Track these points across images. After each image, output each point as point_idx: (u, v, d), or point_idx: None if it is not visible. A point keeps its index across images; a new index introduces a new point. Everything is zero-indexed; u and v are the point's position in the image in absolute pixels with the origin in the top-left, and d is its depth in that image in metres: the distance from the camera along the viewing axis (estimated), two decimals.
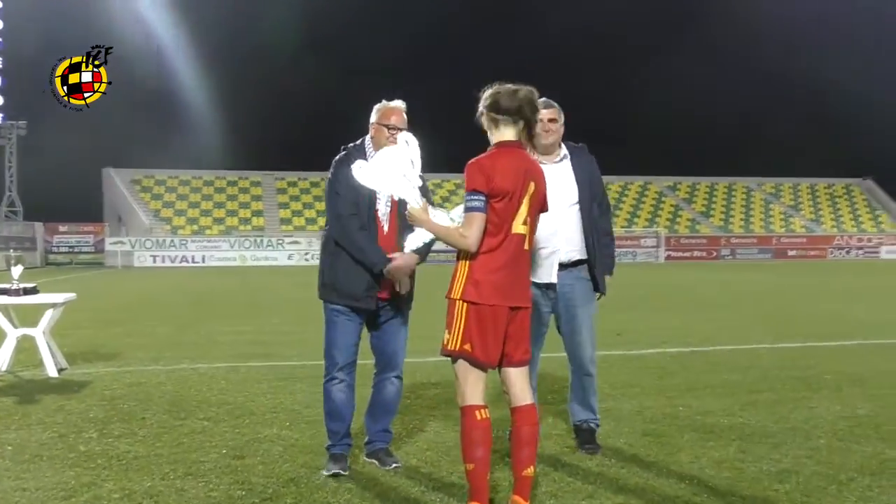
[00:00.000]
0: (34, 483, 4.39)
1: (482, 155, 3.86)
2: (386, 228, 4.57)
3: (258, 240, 56.32)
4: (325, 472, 4.46)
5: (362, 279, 4.47)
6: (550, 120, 4.91)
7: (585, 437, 5.05)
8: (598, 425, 5.13)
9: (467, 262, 3.81)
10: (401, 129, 4.46)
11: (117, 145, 67.48)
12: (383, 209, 4.56)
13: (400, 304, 4.64)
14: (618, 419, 5.74)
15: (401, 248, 4.39)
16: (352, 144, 4.72)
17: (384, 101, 4.66)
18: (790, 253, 63.96)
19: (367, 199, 4.47)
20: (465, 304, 3.78)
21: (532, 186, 3.83)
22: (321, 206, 64.38)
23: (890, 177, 77.48)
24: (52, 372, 7.82)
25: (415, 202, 3.90)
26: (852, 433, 5.29)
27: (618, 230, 55.98)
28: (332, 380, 4.62)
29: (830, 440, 5.13)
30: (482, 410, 3.77)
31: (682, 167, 74.87)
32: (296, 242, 56.40)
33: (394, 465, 4.60)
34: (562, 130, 5.05)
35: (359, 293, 4.50)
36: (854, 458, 4.71)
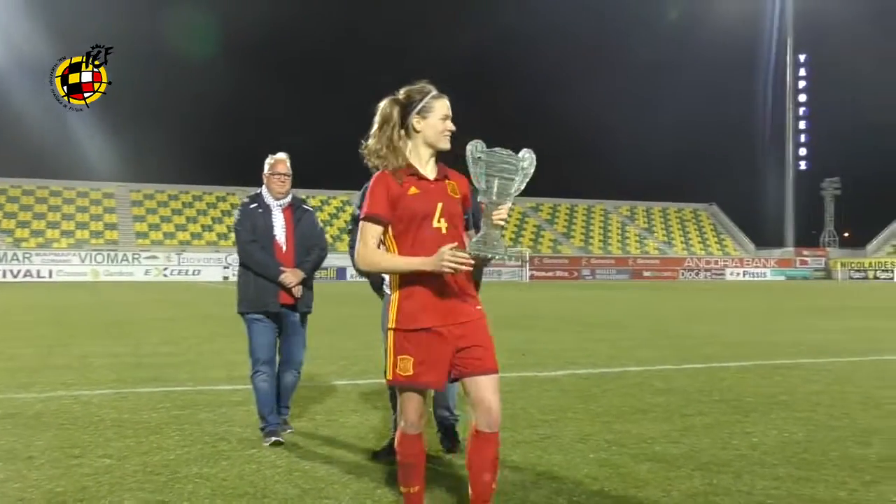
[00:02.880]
0: None
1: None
2: (284, 248, 5.76)
3: (112, 254, 53.48)
4: (265, 444, 5.50)
5: (267, 289, 5.64)
6: None
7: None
8: None
9: None
10: (285, 175, 5.76)
11: None
12: (280, 234, 5.76)
13: (298, 308, 5.79)
14: (563, 449, 5.42)
15: (299, 264, 5.74)
16: (254, 192, 5.92)
17: (270, 155, 5.81)
18: (645, 273, 66.46)
19: (265, 227, 5.71)
20: None
21: None
22: (179, 219, 62.00)
23: (730, 203, 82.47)
24: None
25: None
26: (805, 461, 5.14)
27: None
28: (257, 373, 5.72)
29: (788, 469, 4.95)
30: None
31: (543, 189, 76.66)
32: (153, 257, 53.96)
33: (288, 430, 5.85)
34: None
35: (267, 300, 5.65)
36: (822, 489, 4.53)
